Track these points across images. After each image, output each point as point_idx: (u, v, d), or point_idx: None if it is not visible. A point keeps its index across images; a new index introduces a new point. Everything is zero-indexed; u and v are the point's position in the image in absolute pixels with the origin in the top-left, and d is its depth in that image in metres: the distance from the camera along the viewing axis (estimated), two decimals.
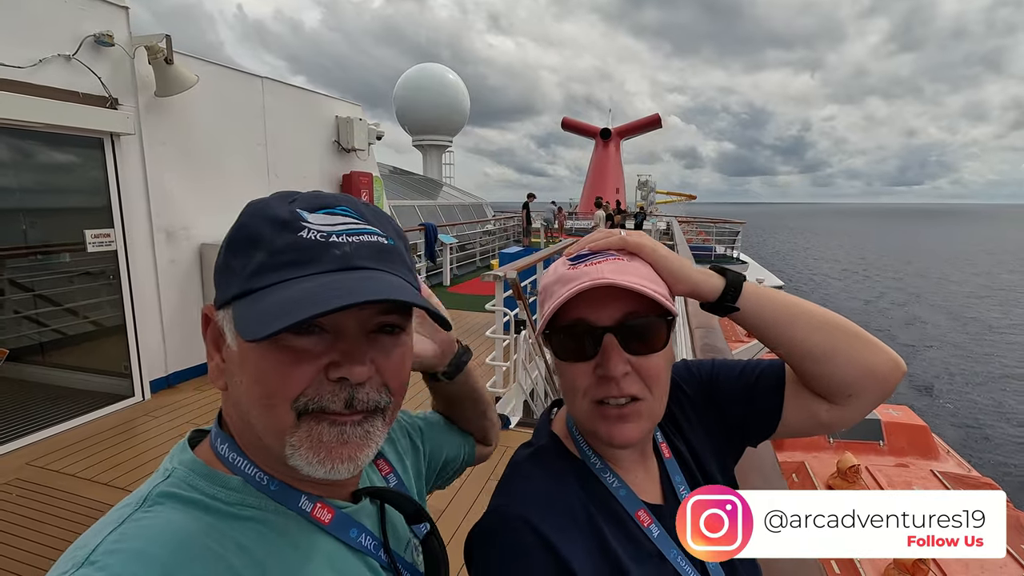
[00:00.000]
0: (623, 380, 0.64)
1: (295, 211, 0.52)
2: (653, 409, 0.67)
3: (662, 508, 0.72)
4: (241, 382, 0.51)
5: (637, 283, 0.63)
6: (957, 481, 6.30)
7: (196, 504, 0.50)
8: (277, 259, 0.50)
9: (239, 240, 0.52)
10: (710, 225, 22.25)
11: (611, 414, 0.65)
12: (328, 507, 0.57)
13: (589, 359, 0.65)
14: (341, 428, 0.51)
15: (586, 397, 0.66)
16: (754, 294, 0.72)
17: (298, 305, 0.46)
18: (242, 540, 0.49)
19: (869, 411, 0.73)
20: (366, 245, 0.53)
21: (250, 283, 0.50)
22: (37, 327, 5.10)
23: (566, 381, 0.68)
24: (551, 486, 0.68)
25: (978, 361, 17.82)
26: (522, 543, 0.62)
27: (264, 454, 0.54)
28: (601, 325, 0.64)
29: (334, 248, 0.51)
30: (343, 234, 0.52)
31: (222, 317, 0.53)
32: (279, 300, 0.47)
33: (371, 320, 0.53)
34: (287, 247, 0.50)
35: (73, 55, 3.92)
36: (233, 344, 0.52)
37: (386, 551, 0.61)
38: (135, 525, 0.46)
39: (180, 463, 0.53)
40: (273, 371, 0.49)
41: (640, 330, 0.65)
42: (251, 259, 0.50)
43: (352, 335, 0.52)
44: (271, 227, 0.51)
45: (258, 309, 0.48)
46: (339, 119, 7.07)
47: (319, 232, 0.51)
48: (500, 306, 4.44)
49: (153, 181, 4.55)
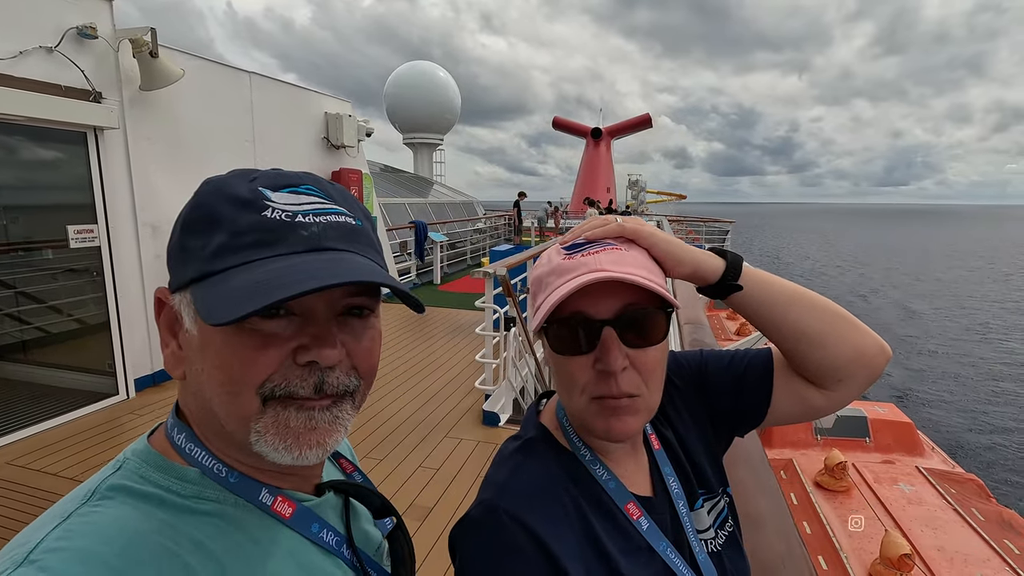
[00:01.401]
0: (621, 377, 0.62)
1: (257, 189, 0.49)
2: (650, 404, 0.66)
3: (651, 500, 0.71)
4: (202, 369, 0.49)
5: (637, 275, 0.61)
6: (942, 477, 6.39)
7: (149, 498, 0.47)
8: (240, 240, 0.47)
9: (197, 220, 0.49)
10: (700, 224, 22.39)
11: (609, 409, 0.64)
12: (289, 501, 0.54)
13: (587, 352, 0.63)
14: (309, 413, 0.49)
15: (584, 393, 0.64)
16: (755, 274, 0.72)
17: (267, 287, 0.44)
18: (198, 536, 0.47)
19: (858, 394, 0.73)
20: (334, 226, 0.51)
21: (211, 265, 0.47)
22: (20, 324, 5.01)
23: (563, 375, 0.67)
24: (540, 479, 0.67)
25: (963, 358, 18.08)
26: (510, 537, 0.61)
27: (225, 444, 0.52)
28: (600, 318, 0.62)
29: (301, 228, 0.49)
30: (309, 214, 0.50)
31: (179, 301, 0.50)
32: (246, 282, 0.45)
33: (340, 302, 0.51)
34: (250, 227, 0.48)
35: (55, 47, 3.85)
36: (192, 329, 0.49)
37: (350, 547, 0.59)
38: (81, 521, 0.43)
39: (133, 454, 0.51)
40: (239, 356, 0.47)
41: (639, 322, 0.63)
42: (211, 240, 0.48)
43: (322, 318, 0.50)
44: (232, 206, 0.48)
45: (223, 292, 0.45)
46: (328, 115, 7.01)
47: (284, 212, 0.49)
48: (490, 303, 4.43)
49: (138, 176, 4.48)
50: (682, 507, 0.72)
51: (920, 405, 13.90)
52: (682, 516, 0.72)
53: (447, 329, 6.95)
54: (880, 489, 6.02)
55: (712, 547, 0.73)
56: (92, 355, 4.56)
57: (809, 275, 35.90)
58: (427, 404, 4.55)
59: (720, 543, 0.74)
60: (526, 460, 0.69)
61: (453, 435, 4.00)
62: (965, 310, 25.77)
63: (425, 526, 2.93)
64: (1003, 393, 15.00)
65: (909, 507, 5.73)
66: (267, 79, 6.03)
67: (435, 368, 5.44)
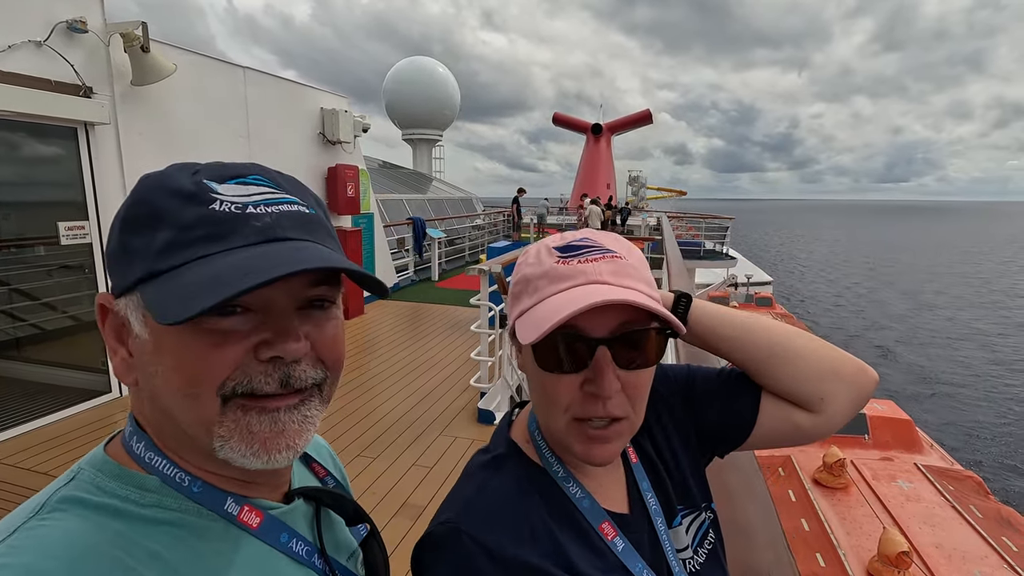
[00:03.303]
0: (610, 401, 0.58)
1: (201, 182, 0.47)
2: (634, 425, 0.62)
3: (627, 517, 0.68)
4: (157, 372, 0.46)
5: (641, 296, 0.57)
6: (940, 474, 6.37)
7: (104, 509, 0.44)
8: (187, 235, 0.45)
9: (137, 217, 0.47)
10: (700, 221, 22.33)
11: (592, 434, 0.60)
12: (257, 510, 0.52)
13: (576, 372, 0.58)
14: (273, 416, 0.47)
15: (567, 413, 0.60)
16: (702, 306, 0.73)
17: (224, 281, 0.42)
18: (155, 548, 0.44)
19: (846, 416, 0.70)
20: (287, 215, 0.49)
21: (157, 263, 0.45)
22: (12, 321, 4.98)
23: (544, 392, 0.61)
24: (506, 497, 0.63)
25: (962, 355, 18.06)
26: (471, 562, 0.57)
27: (186, 451, 0.49)
28: (594, 336, 0.57)
29: (253, 220, 0.47)
30: (260, 204, 0.48)
31: (124, 305, 0.48)
32: (201, 277, 0.43)
33: (301, 294, 0.49)
34: (197, 221, 0.45)
35: (44, 41, 3.80)
36: (143, 333, 0.47)
37: (322, 556, 0.56)
38: (27, 535, 0.41)
39: (89, 464, 0.48)
40: (195, 356, 0.45)
41: (636, 343, 0.58)
42: (155, 237, 0.45)
43: (282, 311, 0.48)
44: (175, 200, 0.46)
45: (175, 289, 0.43)
46: (324, 111, 6.96)
47: (233, 203, 0.47)
48: (485, 300, 4.40)
49: (130, 172, 4.43)
50: (660, 524, 0.69)
51: (919, 402, 13.88)
52: (660, 535, 0.68)
53: (444, 326, 6.92)
54: (879, 486, 6.00)
55: (691, 566, 0.70)
56: (85, 352, 4.53)
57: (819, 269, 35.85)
58: (422, 402, 4.52)
59: (700, 561, 0.71)
60: (493, 476, 0.65)
61: (448, 433, 3.97)
62: (974, 307, 25.75)
63: (418, 525, 2.90)
64: (1003, 390, 14.98)
65: (908, 504, 5.71)
66: (262, 74, 5.97)
67: (430, 366, 5.41)
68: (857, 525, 5.47)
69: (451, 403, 4.51)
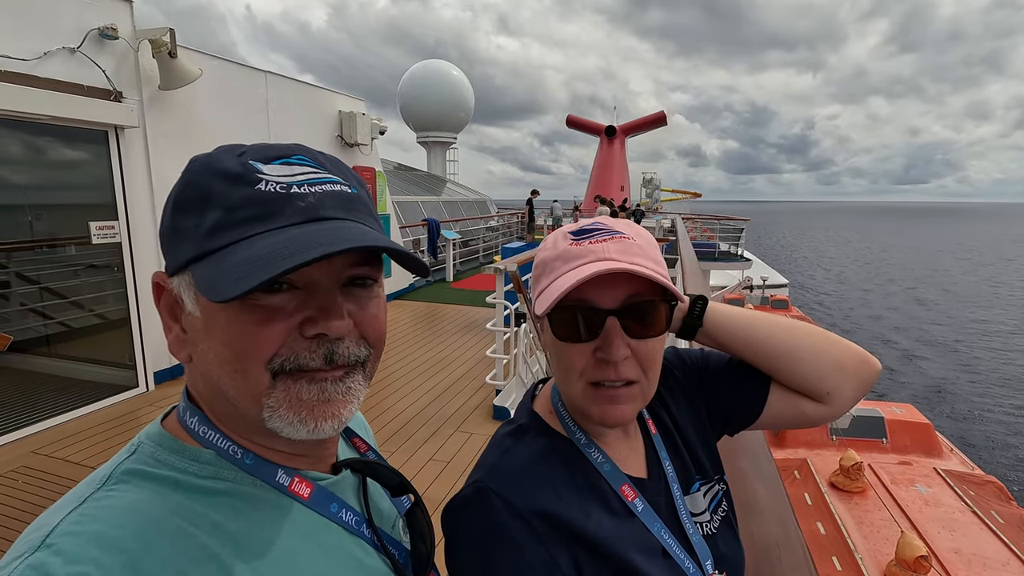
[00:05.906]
0: (622, 364, 0.63)
1: (247, 163, 0.48)
2: (646, 391, 0.67)
3: (646, 482, 0.72)
4: (208, 348, 0.48)
5: (644, 267, 0.62)
6: (960, 479, 6.28)
7: (165, 481, 0.47)
8: (235, 215, 0.46)
9: (188, 199, 0.48)
10: (714, 222, 22.15)
11: (606, 395, 0.65)
12: (307, 481, 0.54)
13: (589, 341, 0.64)
14: (321, 385, 0.49)
15: (582, 378, 0.65)
16: (716, 308, 0.77)
17: (270, 260, 0.43)
18: (215, 517, 0.46)
19: (850, 405, 0.76)
20: (330, 195, 0.50)
21: (207, 243, 0.46)
22: (43, 319, 5.15)
23: (561, 361, 0.67)
24: (532, 460, 0.68)
25: (984, 359, 17.68)
26: (497, 516, 0.62)
27: (238, 425, 0.51)
28: (604, 307, 0.63)
29: (297, 199, 0.48)
30: (304, 184, 0.49)
31: (178, 284, 0.49)
32: (247, 257, 0.44)
33: (344, 273, 0.50)
34: (245, 202, 0.46)
35: (77, 48, 3.95)
36: (195, 310, 0.49)
37: (370, 526, 0.59)
38: (96, 505, 0.43)
39: (147, 437, 0.51)
40: (244, 332, 0.46)
41: (643, 313, 0.64)
42: (204, 218, 0.47)
43: (326, 289, 0.49)
44: (223, 182, 0.47)
45: (224, 268, 0.44)
46: (342, 114, 7.08)
47: (278, 184, 0.48)
48: (500, 299, 4.45)
49: (157, 173, 4.57)
50: (676, 490, 0.74)
51: (939, 405, 13.63)
52: (676, 498, 0.73)
53: (459, 326, 6.99)
54: (896, 490, 5.93)
55: (707, 530, 0.74)
56: (113, 349, 4.66)
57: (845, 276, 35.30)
58: (438, 399, 4.59)
59: (715, 527, 0.75)
60: (516, 443, 0.70)
61: (464, 429, 4.03)
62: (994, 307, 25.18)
63: (435, 518, 2.96)
64: None
65: (926, 508, 5.64)
66: (282, 78, 6.11)
67: (447, 364, 5.47)
68: (874, 529, 5.41)
69: (467, 400, 4.57)
